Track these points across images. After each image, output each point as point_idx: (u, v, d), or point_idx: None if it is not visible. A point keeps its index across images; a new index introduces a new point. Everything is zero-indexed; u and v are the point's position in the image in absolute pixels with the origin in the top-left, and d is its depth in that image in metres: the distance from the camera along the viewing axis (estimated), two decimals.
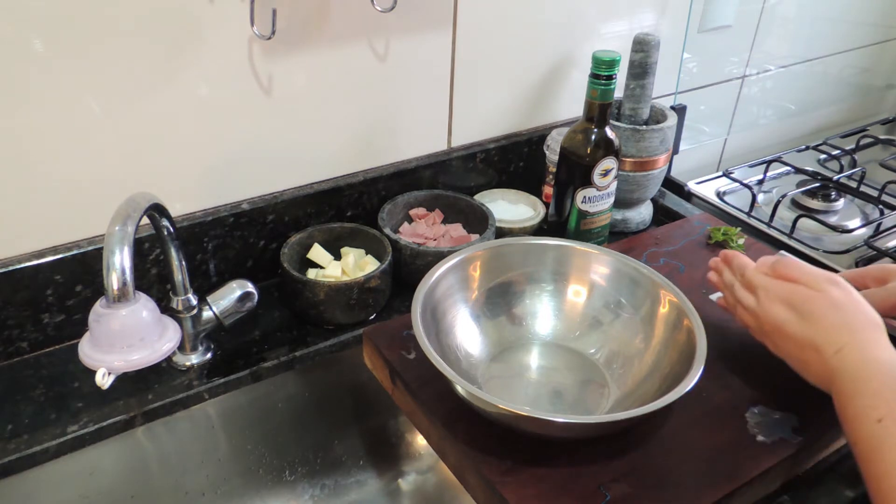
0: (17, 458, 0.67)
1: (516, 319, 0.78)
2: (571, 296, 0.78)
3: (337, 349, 0.82)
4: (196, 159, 0.79)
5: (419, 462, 0.91)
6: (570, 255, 0.77)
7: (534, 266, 0.78)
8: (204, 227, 0.81)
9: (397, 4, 0.79)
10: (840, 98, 1.50)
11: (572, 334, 0.77)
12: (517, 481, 0.61)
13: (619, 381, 0.72)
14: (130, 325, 0.59)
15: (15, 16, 0.63)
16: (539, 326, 0.78)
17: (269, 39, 0.75)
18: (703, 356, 0.63)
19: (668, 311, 0.71)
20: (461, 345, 0.73)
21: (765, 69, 1.31)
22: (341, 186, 0.90)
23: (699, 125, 1.28)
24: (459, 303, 0.74)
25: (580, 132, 0.86)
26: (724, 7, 1.16)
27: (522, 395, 0.72)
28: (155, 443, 0.75)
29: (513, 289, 0.78)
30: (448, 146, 0.99)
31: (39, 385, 0.74)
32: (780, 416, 0.68)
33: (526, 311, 0.78)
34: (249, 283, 0.77)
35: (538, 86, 1.03)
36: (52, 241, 0.74)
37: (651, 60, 0.96)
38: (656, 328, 0.71)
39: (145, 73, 0.72)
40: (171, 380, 0.75)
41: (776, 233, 1.03)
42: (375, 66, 0.86)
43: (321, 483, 0.87)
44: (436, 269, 0.72)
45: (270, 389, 0.80)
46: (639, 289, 0.74)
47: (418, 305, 0.67)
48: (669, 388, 0.61)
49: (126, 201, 0.60)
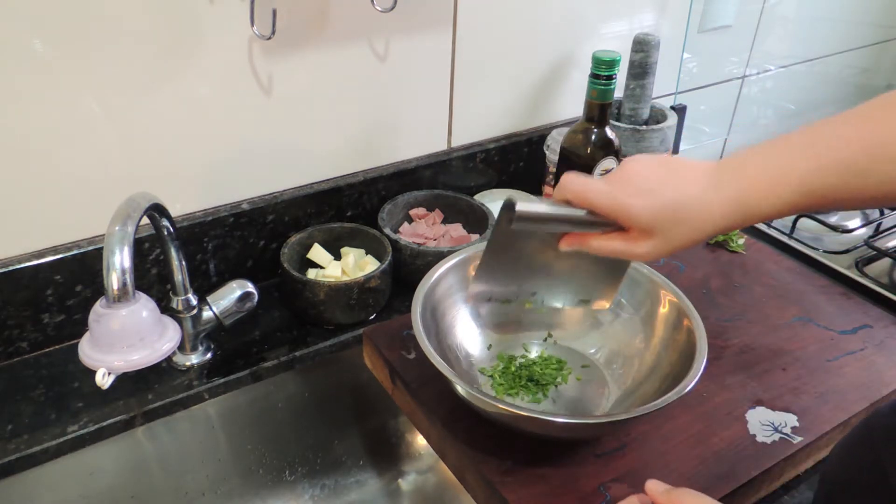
0: (17, 458, 0.67)
1: (516, 319, 0.78)
2: None
3: (337, 349, 0.82)
4: (196, 159, 0.79)
5: (419, 462, 0.91)
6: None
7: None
8: (204, 227, 0.81)
9: (397, 4, 0.79)
10: (840, 98, 1.50)
11: (572, 334, 0.77)
12: (517, 481, 0.61)
13: (619, 381, 0.72)
14: (130, 325, 0.59)
15: (15, 15, 0.63)
16: (539, 326, 0.77)
17: (269, 39, 0.75)
18: (703, 356, 0.63)
19: (668, 311, 0.71)
20: (461, 345, 0.73)
21: (765, 69, 1.31)
22: (341, 186, 0.90)
23: (699, 125, 1.28)
24: (459, 303, 0.74)
25: (580, 132, 0.86)
26: (724, 7, 1.16)
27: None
28: (155, 443, 0.75)
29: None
30: (448, 146, 0.99)
31: (39, 385, 0.74)
32: (780, 416, 0.68)
33: (526, 312, 0.78)
34: (249, 283, 0.77)
35: (538, 86, 1.03)
36: (52, 241, 0.74)
37: (651, 60, 0.96)
38: (656, 328, 0.71)
39: (145, 73, 0.72)
40: (171, 380, 0.75)
41: (776, 233, 1.03)
42: (375, 66, 0.86)
43: (321, 483, 0.87)
44: (436, 269, 0.72)
45: (270, 389, 0.80)
46: (639, 289, 0.74)
47: (418, 305, 0.67)
48: (669, 388, 0.61)
49: (126, 201, 0.60)
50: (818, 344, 0.78)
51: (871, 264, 0.96)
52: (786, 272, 0.90)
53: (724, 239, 0.94)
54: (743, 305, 0.83)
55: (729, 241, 0.94)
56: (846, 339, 0.79)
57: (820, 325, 0.81)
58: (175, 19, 0.71)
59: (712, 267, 0.90)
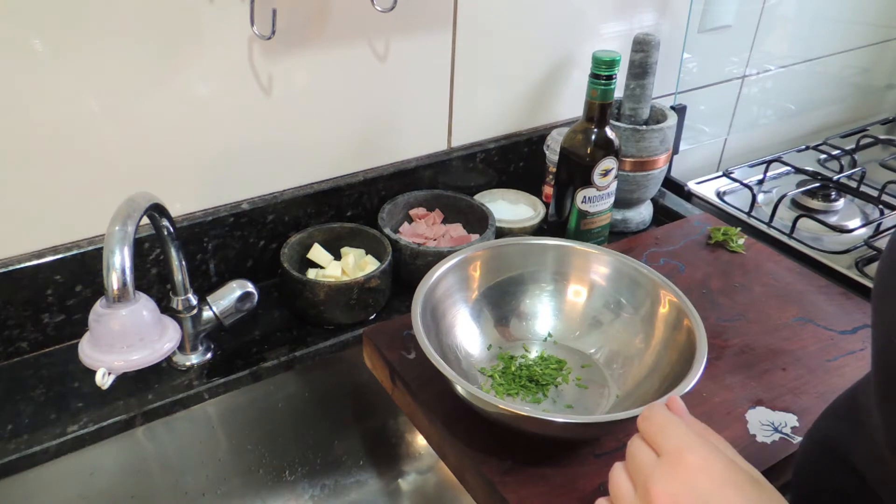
0: (17, 458, 0.67)
1: (516, 319, 0.78)
2: (571, 296, 0.78)
3: (337, 349, 0.82)
4: (196, 159, 0.79)
5: (419, 462, 0.91)
6: (570, 255, 0.78)
7: (534, 266, 0.78)
8: (204, 227, 0.81)
9: (397, 4, 0.79)
10: (840, 98, 1.50)
11: (572, 334, 0.77)
12: (517, 481, 0.61)
13: (619, 381, 0.72)
14: (130, 325, 0.59)
15: (15, 15, 0.63)
16: (539, 326, 0.78)
17: (269, 39, 0.75)
18: (703, 356, 0.63)
19: (668, 311, 0.71)
20: (461, 345, 0.73)
21: (765, 69, 1.31)
22: (341, 186, 0.90)
23: (699, 125, 1.28)
24: (459, 303, 0.74)
25: (580, 132, 0.86)
26: (724, 7, 1.16)
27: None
28: (155, 443, 0.75)
29: (513, 289, 0.78)
30: (448, 146, 0.99)
31: (39, 385, 0.74)
32: (779, 416, 0.68)
33: (526, 311, 0.78)
34: (249, 283, 0.77)
35: (538, 86, 1.03)
36: (52, 241, 0.74)
37: (651, 60, 0.96)
38: (656, 328, 0.71)
39: (145, 72, 0.72)
40: (171, 380, 0.75)
41: (776, 233, 1.03)
42: (375, 66, 0.86)
43: (321, 483, 0.87)
44: (436, 269, 0.72)
45: (270, 389, 0.80)
46: (639, 289, 0.74)
47: (418, 305, 0.67)
48: (669, 388, 0.61)
49: (126, 201, 0.60)
50: (818, 344, 0.78)
51: (871, 264, 0.96)
52: (786, 272, 0.90)
53: (724, 239, 0.94)
54: (743, 305, 0.83)
55: (729, 241, 0.94)
56: (846, 339, 0.79)
57: (820, 325, 0.81)
58: (175, 19, 0.71)
59: (712, 267, 0.90)
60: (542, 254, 0.78)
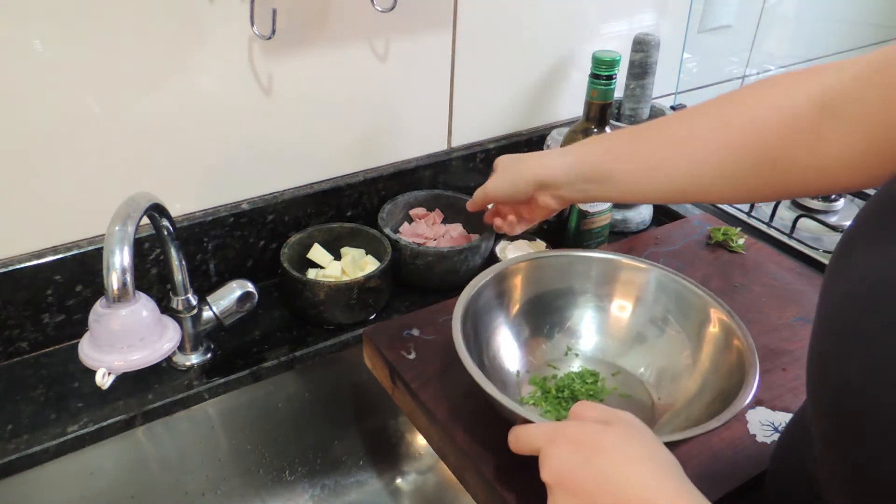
0: (17, 458, 0.67)
1: (557, 333, 0.75)
2: (616, 311, 0.74)
3: (337, 349, 0.82)
4: (196, 159, 0.79)
5: (419, 462, 0.91)
6: (615, 269, 0.74)
7: (577, 279, 0.74)
8: (204, 227, 0.81)
9: (397, 4, 0.79)
10: None
11: (616, 350, 0.74)
12: (517, 481, 0.61)
13: (664, 400, 0.69)
14: (130, 325, 0.59)
15: (15, 14, 0.63)
16: (583, 342, 0.74)
17: (269, 39, 0.75)
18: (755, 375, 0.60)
19: (717, 330, 0.67)
20: (500, 359, 0.70)
21: (765, 69, 1.31)
22: (341, 186, 0.90)
23: None
24: (500, 316, 0.71)
25: (580, 132, 0.86)
26: (724, 7, 1.16)
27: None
28: (155, 443, 0.75)
29: (555, 303, 0.74)
30: (448, 146, 0.99)
31: (39, 385, 0.74)
32: (780, 416, 0.68)
33: (568, 326, 0.75)
34: (249, 283, 0.77)
35: (538, 86, 1.03)
36: (52, 241, 0.74)
37: (651, 60, 0.96)
38: (704, 347, 0.68)
39: (145, 72, 0.72)
40: (171, 380, 0.75)
41: (776, 233, 1.03)
42: (375, 66, 0.86)
43: (321, 483, 0.87)
44: (478, 281, 0.69)
45: (270, 389, 0.80)
46: (686, 305, 0.70)
47: (458, 319, 0.64)
48: (719, 410, 0.58)
49: (126, 201, 0.60)
50: None
51: None
52: (786, 272, 0.90)
53: (724, 239, 0.94)
54: (743, 305, 0.83)
55: (729, 241, 0.94)
56: None
57: None
58: (175, 19, 0.71)
59: (712, 267, 0.90)
60: (587, 266, 0.74)
